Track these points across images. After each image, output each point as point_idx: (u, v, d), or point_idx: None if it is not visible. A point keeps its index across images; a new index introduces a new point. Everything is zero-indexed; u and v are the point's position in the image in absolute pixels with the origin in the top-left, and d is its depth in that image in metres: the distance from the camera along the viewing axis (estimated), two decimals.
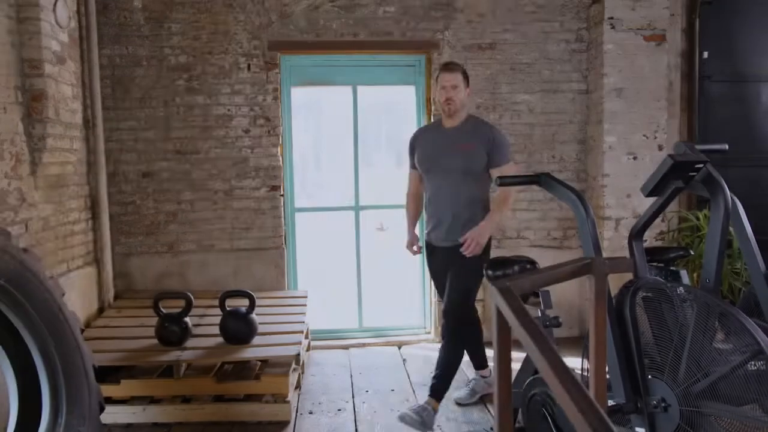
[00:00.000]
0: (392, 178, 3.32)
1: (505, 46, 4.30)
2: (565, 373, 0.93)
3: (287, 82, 4.28)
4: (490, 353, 3.56)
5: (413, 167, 3.23)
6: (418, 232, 3.39)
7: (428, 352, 4.13)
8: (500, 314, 1.19)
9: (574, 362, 3.11)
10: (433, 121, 3.99)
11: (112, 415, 2.95)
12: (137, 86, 4.07)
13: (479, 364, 3.40)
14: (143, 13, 4.03)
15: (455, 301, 2.98)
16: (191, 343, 3.23)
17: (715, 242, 2.15)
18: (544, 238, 4.44)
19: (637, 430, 2.18)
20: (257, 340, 3.26)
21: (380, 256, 5.96)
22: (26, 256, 2.17)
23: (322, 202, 7.39)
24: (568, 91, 4.38)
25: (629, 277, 2.36)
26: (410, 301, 4.72)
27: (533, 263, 2.71)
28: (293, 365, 3.28)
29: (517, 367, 2.37)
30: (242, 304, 3.30)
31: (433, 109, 4.22)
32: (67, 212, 3.54)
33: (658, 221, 3.97)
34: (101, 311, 3.87)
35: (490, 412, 3.22)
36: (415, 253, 3.30)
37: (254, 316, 3.27)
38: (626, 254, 2.52)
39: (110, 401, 2.93)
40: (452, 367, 3.01)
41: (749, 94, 4.49)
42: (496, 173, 2.92)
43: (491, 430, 3.02)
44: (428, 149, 3.11)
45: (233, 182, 4.19)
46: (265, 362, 3.30)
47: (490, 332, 4.06)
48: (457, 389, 3.37)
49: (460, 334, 3.01)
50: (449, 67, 3.03)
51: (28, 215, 3.10)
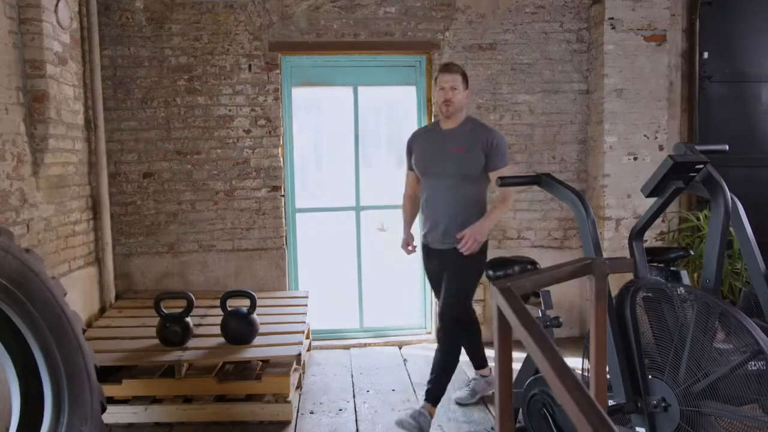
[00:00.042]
0: (393, 178, 3.32)
1: (505, 46, 4.31)
2: (566, 373, 0.93)
3: (288, 82, 4.29)
4: (489, 353, 3.57)
5: (410, 169, 3.21)
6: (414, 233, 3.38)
7: (429, 352, 4.12)
8: (501, 314, 1.20)
9: (574, 362, 3.11)
10: (432, 122, 3.99)
11: (113, 415, 2.96)
12: (138, 87, 4.08)
13: (479, 363, 3.40)
14: (144, 14, 4.04)
15: (451, 302, 2.95)
16: (192, 343, 3.24)
17: (715, 242, 2.15)
18: (544, 238, 4.45)
19: (637, 429, 2.18)
20: (258, 340, 3.27)
21: (381, 256, 5.95)
22: (28, 256, 2.17)
23: (322, 202, 7.38)
24: (568, 91, 4.38)
25: (630, 277, 2.37)
26: (411, 301, 4.73)
27: (534, 263, 2.72)
28: (294, 365, 3.29)
29: (517, 367, 2.37)
30: (243, 304, 3.31)
31: (433, 109, 4.22)
32: (68, 212, 3.55)
33: (658, 221, 3.98)
34: (102, 311, 3.88)
35: (490, 411, 3.23)
36: (409, 252, 3.27)
37: (255, 316, 3.28)
38: (626, 254, 2.52)
39: (112, 401, 2.94)
40: (448, 370, 2.98)
41: (749, 94, 4.50)
42: (494, 176, 2.90)
43: (492, 429, 3.03)
44: (425, 151, 3.08)
45: (234, 183, 4.20)
46: (266, 362, 3.31)
47: (491, 332, 4.08)
48: (457, 389, 3.38)
49: (456, 336, 2.98)
50: (448, 68, 3.00)
51: (29, 216, 3.11)
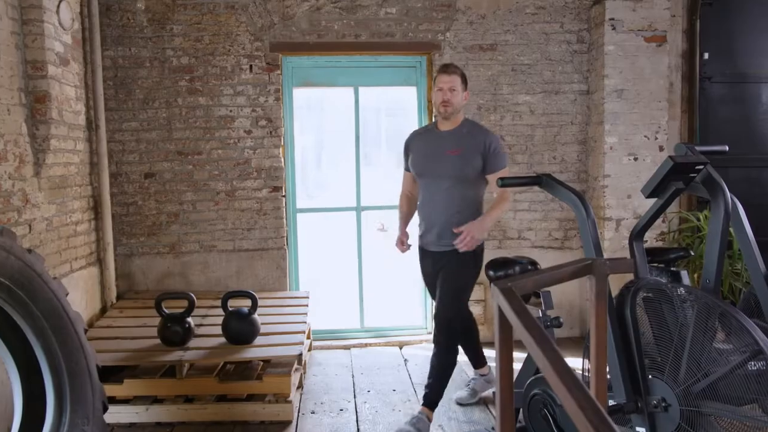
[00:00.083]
0: (394, 178, 3.32)
1: (506, 47, 4.31)
2: (567, 372, 0.94)
3: (289, 83, 4.29)
4: (489, 353, 3.57)
5: (407, 169, 3.19)
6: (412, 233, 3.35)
7: (429, 352, 4.08)
8: (502, 314, 1.20)
9: (575, 362, 3.12)
10: (431, 122, 3.99)
11: (115, 414, 2.97)
12: (140, 87, 4.09)
13: (477, 363, 3.40)
14: (146, 14, 4.05)
15: (446, 305, 2.92)
16: (194, 343, 3.24)
17: (715, 243, 2.16)
18: (545, 238, 4.45)
19: (637, 429, 2.19)
20: (259, 340, 3.27)
21: (382, 256, 5.96)
22: (30, 256, 2.18)
23: (323, 202, 7.40)
24: (569, 92, 4.39)
25: (630, 277, 2.37)
26: (411, 301, 4.73)
27: (534, 264, 2.73)
28: (295, 365, 3.29)
29: (518, 367, 2.38)
30: (244, 304, 3.31)
31: (434, 110, 4.22)
32: (70, 213, 3.55)
33: (658, 222, 3.99)
34: (104, 311, 3.88)
35: (491, 411, 3.23)
36: (403, 251, 3.21)
37: (256, 316, 3.28)
38: (627, 255, 2.53)
39: (113, 401, 2.95)
40: (445, 374, 2.96)
41: (749, 94, 4.50)
42: (493, 178, 2.89)
43: (493, 429, 3.03)
44: (422, 152, 3.06)
45: (235, 183, 4.21)
46: (267, 362, 3.31)
47: (491, 332, 4.09)
48: (457, 389, 3.39)
49: (452, 339, 2.95)
50: (447, 69, 2.98)
51: (31, 216, 3.12)
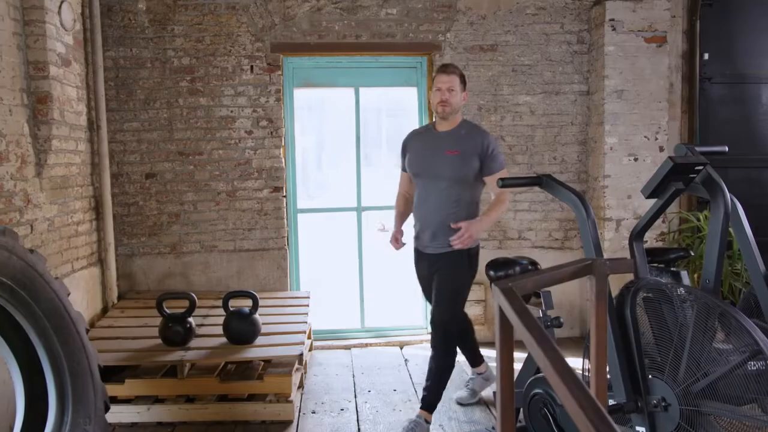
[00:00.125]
0: (394, 179, 3.33)
1: (506, 47, 4.32)
2: (567, 372, 0.95)
3: (290, 83, 4.30)
4: (490, 353, 3.58)
5: (404, 170, 3.17)
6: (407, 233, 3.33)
7: (430, 352, 4.13)
8: (503, 314, 1.21)
9: (575, 362, 3.12)
10: (430, 122, 3.98)
11: (116, 414, 2.98)
12: (141, 88, 4.10)
13: (474, 362, 3.40)
14: (147, 15, 4.05)
15: (442, 307, 2.90)
16: (195, 343, 3.25)
17: (715, 243, 2.16)
18: (545, 239, 4.46)
19: (637, 429, 2.19)
20: (260, 340, 3.28)
21: (382, 256, 5.96)
22: (32, 256, 2.19)
23: (324, 203, 7.41)
24: (569, 92, 4.39)
25: (630, 277, 2.38)
26: (412, 301, 4.74)
27: (535, 264, 2.74)
28: (296, 365, 3.30)
29: (518, 367, 2.39)
30: (245, 304, 3.32)
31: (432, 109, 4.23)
32: (71, 213, 3.56)
33: (658, 222, 3.99)
34: (105, 311, 3.89)
35: (492, 411, 3.24)
36: (397, 248, 3.17)
37: (257, 316, 3.29)
38: (627, 255, 2.53)
39: (115, 401, 2.95)
40: (443, 377, 2.96)
41: (749, 95, 4.51)
42: (489, 181, 2.89)
43: (493, 429, 3.04)
44: (418, 153, 3.04)
45: (236, 183, 4.21)
46: (268, 362, 3.32)
47: (492, 332, 4.09)
48: (457, 389, 3.40)
49: (449, 341, 2.94)
50: (446, 69, 2.96)
51: (33, 216, 3.12)
